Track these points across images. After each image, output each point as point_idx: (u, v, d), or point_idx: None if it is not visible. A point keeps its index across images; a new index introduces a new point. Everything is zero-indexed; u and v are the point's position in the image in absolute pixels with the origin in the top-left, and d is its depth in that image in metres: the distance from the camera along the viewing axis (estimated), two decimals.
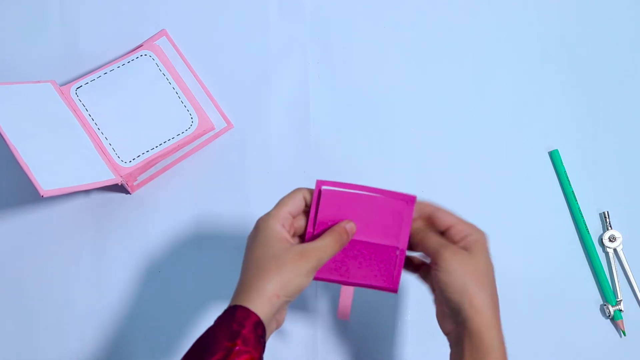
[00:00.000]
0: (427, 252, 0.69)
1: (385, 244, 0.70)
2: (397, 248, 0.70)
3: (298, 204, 0.69)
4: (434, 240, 0.68)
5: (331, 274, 0.71)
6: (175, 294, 0.87)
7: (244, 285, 0.66)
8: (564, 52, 0.91)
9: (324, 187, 0.70)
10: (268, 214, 0.68)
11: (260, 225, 0.68)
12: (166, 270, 0.87)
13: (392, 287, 0.71)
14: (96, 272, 0.87)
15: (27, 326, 0.86)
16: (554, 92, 0.90)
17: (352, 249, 0.71)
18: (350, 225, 0.70)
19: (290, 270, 0.65)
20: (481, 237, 0.68)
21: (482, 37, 0.91)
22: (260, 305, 0.64)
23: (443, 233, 0.69)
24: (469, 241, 0.68)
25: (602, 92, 0.90)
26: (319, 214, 0.70)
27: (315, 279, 0.70)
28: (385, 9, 0.92)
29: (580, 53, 0.91)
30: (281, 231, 0.67)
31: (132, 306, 0.87)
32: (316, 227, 0.70)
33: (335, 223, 0.70)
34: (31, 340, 0.86)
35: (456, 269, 0.65)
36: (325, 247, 0.68)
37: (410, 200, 0.69)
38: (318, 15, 0.92)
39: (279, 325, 0.70)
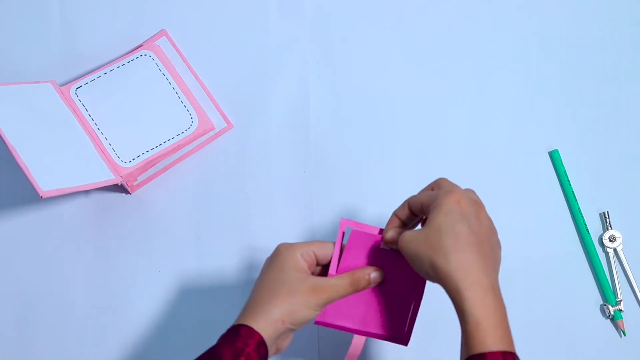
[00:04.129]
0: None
1: (401, 294, 0.70)
2: (413, 299, 0.70)
3: (326, 251, 0.69)
4: (399, 240, 0.66)
5: (345, 320, 0.70)
6: (174, 294, 0.87)
7: (251, 305, 0.67)
8: (564, 52, 0.91)
9: (353, 229, 0.70)
10: (291, 243, 0.69)
11: (281, 249, 0.69)
12: (166, 271, 0.87)
13: (403, 338, 0.71)
14: (96, 272, 0.87)
15: (27, 326, 0.86)
16: (554, 92, 0.90)
17: (368, 296, 0.70)
18: (375, 275, 0.69)
19: (299, 302, 0.66)
20: (440, 199, 0.64)
21: (482, 37, 0.91)
22: (264, 326, 0.65)
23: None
24: (429, 213, 0.64)
25: (602, 92, 0.90)
26: (344, 255, 0.70)
27: (329, 325, 0.70)
28: (386, 9, 0.92)
29: (580, 53, 0.91)
30: (299, 260, 0.68)
31: (131, 306, 0.86)
32: (338, 271, 0.69)
33: (357, 267, 0.70)
34: (31, 340, 0.86)
35: (411, 251, 0.63)
36: (339, 286, 0.67)
37: None
38: (318, 15, 0.92)
39: (279, 350, 0.69)
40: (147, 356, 0.86)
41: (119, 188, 0.88)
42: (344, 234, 0.70)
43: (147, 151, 0.85)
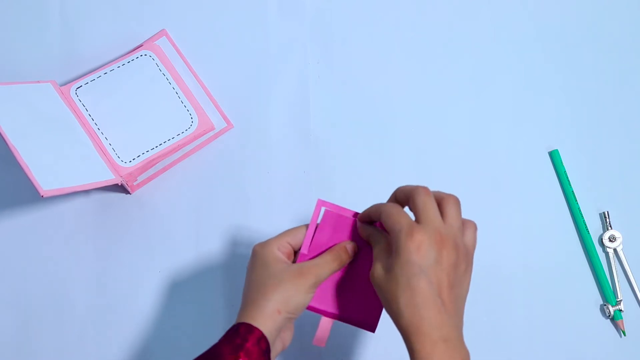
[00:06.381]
0: None
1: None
2: None
3: (299, 237, 0.71)
4: (370, 274, 0.67)
5: (318, 302, 0.71)
6: (174, 294, 0.87)
7: (245, 305, 0.68)
8: (564, 52, 0.91)
9: (325, 209, 0.70)
10: (264, 241, 0.70)
11: (257, 250, 0.70)
12: (166, 271, 0.87)
13: (371, 323, 0.71)
14: (96, 272, 0.87)
15: (27, 326, 0.86)
16: (554, 92, 0.90)
17: (344, 280, 0.71)
18: (351, 245, 0.70)
19: (289, 288, 0.66)
20: (400, 244, 0.63)
21: (482, 37, 0.91)
22: (262, 321, 0.65)
23: None
24: (391, 250, 0.65)
25: (602, 92, 0.90)
26: (315, 237, 0.70)
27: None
28: (385, 9, 0.92)
29: (581, 53, 0.91)
30: (278, 254, 0.69)
31: (131, 306, 0.86)
32: (311, 250, 0.70)
33: (330, 247, 0.70)
34: (31, 340, 0.86)
35: (377, 290, 0.65)
36: (323, 264, 0.68)
37: None
38: (318, 15, 0.92)
39: (284, 345, 0.71)
40: (147, 356, 0.86)
41: (119, 188, 0.88)
42: (319, 214, 0.71)
43: (147, 151, 0.85)
